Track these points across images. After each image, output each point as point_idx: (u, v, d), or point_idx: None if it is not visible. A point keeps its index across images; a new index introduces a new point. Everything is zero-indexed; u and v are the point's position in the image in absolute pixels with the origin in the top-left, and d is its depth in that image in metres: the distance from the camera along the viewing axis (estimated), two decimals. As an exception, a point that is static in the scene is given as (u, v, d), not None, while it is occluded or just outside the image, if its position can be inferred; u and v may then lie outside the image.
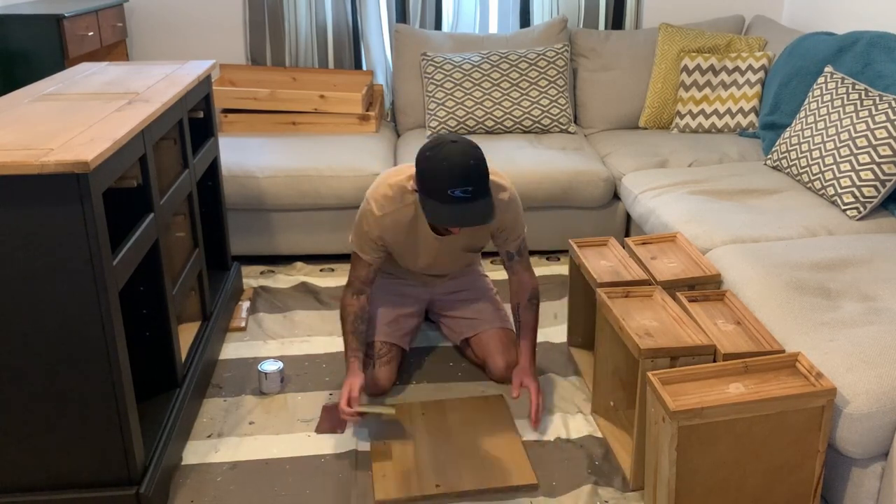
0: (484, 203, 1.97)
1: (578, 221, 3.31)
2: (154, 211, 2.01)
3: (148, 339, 2.14)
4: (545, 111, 3.61)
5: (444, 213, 1.96)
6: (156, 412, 2.09)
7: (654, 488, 1.83)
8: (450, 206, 1.95)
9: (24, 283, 1.63)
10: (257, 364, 2.55)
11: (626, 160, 3.31)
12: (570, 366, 2.56)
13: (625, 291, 2.17)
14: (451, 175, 1.92)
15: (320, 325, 2.81)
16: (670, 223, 2.69)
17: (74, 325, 1.68)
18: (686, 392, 1.74)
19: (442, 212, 1.96)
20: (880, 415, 1.71)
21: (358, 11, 3.91)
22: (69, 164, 1.54)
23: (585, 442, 2.19)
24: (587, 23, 4.02)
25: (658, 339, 1.94)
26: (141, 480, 1.85)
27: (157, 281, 2.08)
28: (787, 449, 1.77)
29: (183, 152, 2.38)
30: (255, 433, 2.23)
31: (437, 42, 3.76)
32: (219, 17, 3.94)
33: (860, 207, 2.60)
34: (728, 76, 3.60)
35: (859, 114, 2.66)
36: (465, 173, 1.93)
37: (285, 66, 3.93)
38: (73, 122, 1.82)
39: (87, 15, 3.20)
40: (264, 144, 3.39)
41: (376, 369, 2.35)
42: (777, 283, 2.15)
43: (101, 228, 1.64)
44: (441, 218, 1.96)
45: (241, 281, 3.06)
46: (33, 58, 2.96)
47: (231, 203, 3.13)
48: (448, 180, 1.93)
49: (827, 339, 1.89)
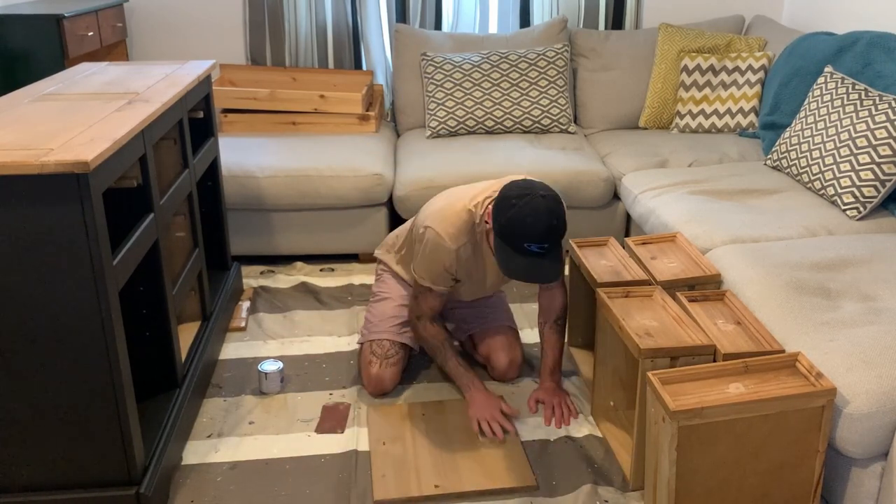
0: (554, 258, 1.99)
1: (578, 221, 3.31)
2: (154, 211, 2.01)
3: (148, 339, 2.14)
4: (545, 111, 3.61)
5: (515, 265, 1.97)
6: (156, 412, 2.09)
7: (654, 488, 1.83)
8: (522, 258, 1.97)
9: (24, 283, 1.63)
10: (257, 364, 2.55)
11: (626, 160, 3.31)
12: (570, 366, 2.56)
13: (625, 291, 2.17)
14: (534, 231, 1.94)
15: (320, 325, 2.81)
16: (670, 223, 2.69)
17: (74, 325, 1.68)
18: (686, 392, 1.74)
19: (513, 263, 1.97)
20: (880, 415, 1.71)
21: (358, 11, 3.91)
22: (69, 164, 1.54)
23: (585, 442, 2.19)
24: (587, 23, 4.02)
25: (658, 339, 1.94)
26: (141, 480, 1.85)
27: (157, 281, 2.08)
28: (787, 449, 1.77)
29: (183, 152, 2.38)
30: (255, 433, 2.23)
31: (437, 42, 3.76)
32: (219, 17, 3.94)
33: (860, 207, 2.60)
34: (728, 76, 3.60)
35: (859, 114, 2.66)
36: (547, 232, 1.94)
37: (285, 66, 3.93)
38: (73, 122, 1.82)
39: (87, 15, 3.20)
40: (264, 144, 3.39)
41: (382, 369, 2.35)
42: (777, 283, 2.15)
43: (101, 228, 1.64)
44: (511, 270, 1.97)
45: (241, 281, 3.06)
46: (33, 58, 2.96)
47: (231, 203, 3.13)
48: (529, 236, 1.94)
49: (827, 339, 1.89)
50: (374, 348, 2.37)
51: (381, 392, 2.37)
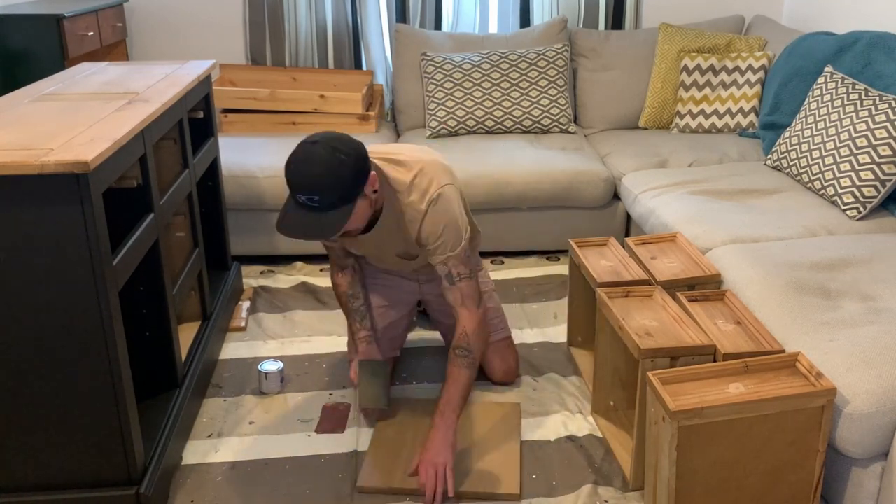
0: (334, 216, 1.78)
1: (578, 221, 3.31)
2: (154, 211, 2.01)
3: (148, 339, 2.14)
4: (545, 111, 3.61)
5: (283, 218, 1.80)
6: (156, 412, 2.09)
7: (654, 488, 1.83)
8: (294, 213, 1.79)
9: (23, 283, 1.63)
10: (257, 364, 2.55)
11: (626, 160, 3.31)
12: (570, 366, 2.56)
13: (625, 291, 2.17)
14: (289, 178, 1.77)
15: (320, 325, 2.81)
16: (670, 223, 2.69)
17: (74, 325, 1.68)
18: (686, 392, 1.74)
19: (283, 216, 1.80)
20: (880, 415, 1.71)
21: (358, 11, 3.91)
22: (69, 164, 1.54)
23: (585, 442, 2.19)
24: (587, 23, 4.02)
25: (658, 339, 1.94)
26: (141, 480, 1.85)
27: (157, 281, 2.08)
28: (787, 449, 1.77)
29: (183, 152, 2.38)
30: (255, 433, 2.23)
31: (437, 42, 3.76)
32: (219, 17, 3.94)
33: (860, 207, 2.60)
34: (728, 76, 3.60)
35: (859, 114, 2.66)
36: (301, 180, 1.75)
37: (285, 66, 3.93)
38: (73, 122, 1.82)
39: (87, 15, 3.20)
40: (264, 144, 3.39)
41: None
42: (777, 283, 2.15)
43: (101, 228, 1.64)
44: (279, 222, 1.80)
45: (241, 281, 3.06)
46: (33, 58, 2.96)
47: (231, 203, 3.13)
48: (289, 184, 1.78)
49: (827, 339, 1.89)
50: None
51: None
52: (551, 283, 3.12)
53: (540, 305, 2.95)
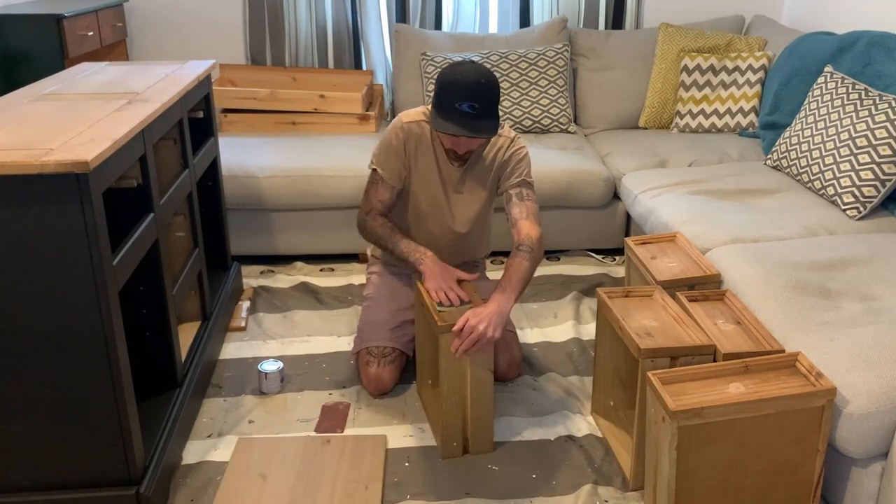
0: (488, 122, 2.09)
1: (578, 221, 3.31)
2: (154, 211, 2.01)
3: (148, 339, 2.14)
4: (545, 111, 3.61)
5: (448, 124, 2.07)
6: (156, 412, 2.09)
7: (654, 488, 1.83)
8: (455, 118, 2.07)
9: (24, 282, 1.63)
10: (257, 364, 2.55)
11: (626, 160, 3.31)
12: (570, 365, 2.56)
13: (625, 291, 2.17)
14: (460, 88, 2.05)
15: (320, 325, 2.81)
16: (670, 223, 2.69)
17: (74, 325, 1.68)
18: (686, 392, 1.74)
19: (446, 123, 2.07)
20: (880, 415, 1.71)
21: (358, 11, 3.91)
22: (69, 164, 1.54)
23: (585, 442, 2.19)
24: (587, 23, 4.02)
25: (658, 339, 1.94)
26: (141, 480, 1.85)
27: (157, 281, 2.08)
28: (787, 449, 1.77)
29: (183, 152, 2.38)
30: (255, 433, 2.23)
31: (437, 42, 3.76)
32: (219, 17, 3.94)
33: (860, 207, 2.60)
34: (728, 76, 3.60)
35: (859, 114, 2.66)
36: (475, 90, 2.05)
37: (285, 66, 3.93)
38: (73, 122, 1.82)
39: (87, 15, 3.20)
40: (264, 144, 3.39)
41: (380, 368, 2.34)
42: (777, 283, 2.15)
43: (101, 228, 1.63)
44: (444, 126, 2.07)
45: (241, 281, 3.06)
46: (33, 58, 2.96)
47: (231, 203, 3.13)
48: (457, 93, 2.05)
49: (827, 339, 1.89)
50: (370, 350, 2.37)
51: (381, 391, 2.37)
52: (551, 283, 3.12)
53: (540, 305, 2.95)
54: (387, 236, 2.29)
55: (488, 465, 2.11)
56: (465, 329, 1.99)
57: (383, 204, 2.32)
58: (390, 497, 1.99)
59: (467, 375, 2.06)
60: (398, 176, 2.30)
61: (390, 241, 2.29)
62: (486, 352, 2.04)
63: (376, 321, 2.41)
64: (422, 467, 2.10)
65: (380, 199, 2.31)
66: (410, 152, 2.28)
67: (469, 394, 2.08)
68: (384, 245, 2.31)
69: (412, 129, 2.27)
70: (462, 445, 2.13)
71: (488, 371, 2.07)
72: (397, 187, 2.31)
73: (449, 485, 2.04)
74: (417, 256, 2.24)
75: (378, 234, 2.30)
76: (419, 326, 2.30)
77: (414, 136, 2.28)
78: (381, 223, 2.31)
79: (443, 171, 2.31)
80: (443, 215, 2.37)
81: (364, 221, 2.33)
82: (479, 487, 2.03)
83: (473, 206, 2.37)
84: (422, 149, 2.29)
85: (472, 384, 2.07)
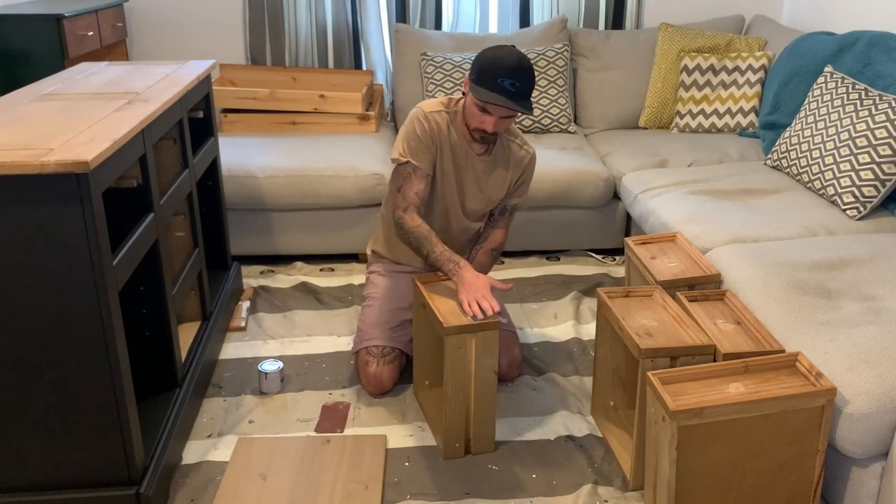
0: (526, 103, 2.14)
1: (578, 221, 3.31)
2: (154, 211, 2.01)
3: (148, 339, 2.14)
4: (545, 111, 3.61)
5: (489, 96, 2.11)
6: (156, 412, 2.09)
7: (654, 488, 1.83)
8: (496, 93, 2.11)
9: (24, 282, 1.63)
10: (257, 364, 2.55)
11: (626, 160, 3.31)
12: (570, 365, 2.56)
13: (625, 291, 2.17)
14: (505, 64, 2.10)
15: (320, 325, 2.81)
16: (670, 223, 2.69)
17: (74, 325, 1.68)
18: (686, 392, 1.74)
19: (487, 95, 2.12)
20: (880, 415, 1.71)
21: (358, 11, 3.91)
22: (69, 164, 1.54)
23: (585, 442, 2.19)
24: (587, 23, 4.02)
25: (658, 338, 1.94)
26: (141, 480, 1.85)
27: (157, 281, 2.08)
28: (787, 449, 1.77)
29: (183, 152, 2.38)
30: (255, 433, 2.23)
31: (437, 42, 3.76)
32: (219, 17, 3.94)
33: (860, 207, 2.60)
34: (728, 76, 3.60)
35: (859, 113, 2.66)
36: (518, 68, 2.10)
37: (285, 66, 3.93)
38: (73, 122, 1.82)
39: (87, 15, 3.20)
40: (264, 144, 3.39)
41: (380, 367, 2.35)
42: (777, 283, 2.15)
43: (101, 228, 1.63)
44: (487, 96, 2.11)
45: (241, 281, 3.06)
46: (33, 58, 2.96)
47: (231, 203, 3.13)
48: (500, 69, 2.10)
49: (827, 339, 1.89)
50: (369, 350, 2.38)
51: (381, 391, 2.37)
52: (551, 283, 3.12)
53: (540, 305, 2.95)
54: (423, 239, 2.20)
55: (488, 465, 2.11)
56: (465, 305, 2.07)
57: (419, 196, 2.25)
58: (390, 497, 1.99)
59: (472, 376, 2.06)
60: (430, 164, 2.27)
61: (426, 245, 2.20)
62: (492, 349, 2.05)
63: (376, 321, 2.41)
64: (422, 467, 2.10)
65: (415, 191, 2.24)
66: (437, 140, 2.28)
67: (473, 395, 2.08)
68: (418, 248, 2.22)
69: (434, 118, 2.28)
70: (464, 446, 2.13)
71: (492, 372, 2.07)
72: (430, 175, 2.28)
73: (449, 485, 2.04)
74: (452, 266, 2.16)
75: (416, 234, 2.21)
76: (417, 327, 2.30)
77: (436, 125, 2.28)
78: (419, 224, 2.22)
79: (460, 162, 2.32)
80: (454, 206, 2.38)
81: (402, 219, 2.23)
82: (479, 487, 2.03)
83: (487, 201, 2.40)
84: (443, 137, 2.29)
85: (476, 385, 2.07)
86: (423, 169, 2.25)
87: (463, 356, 2.03)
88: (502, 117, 2.17)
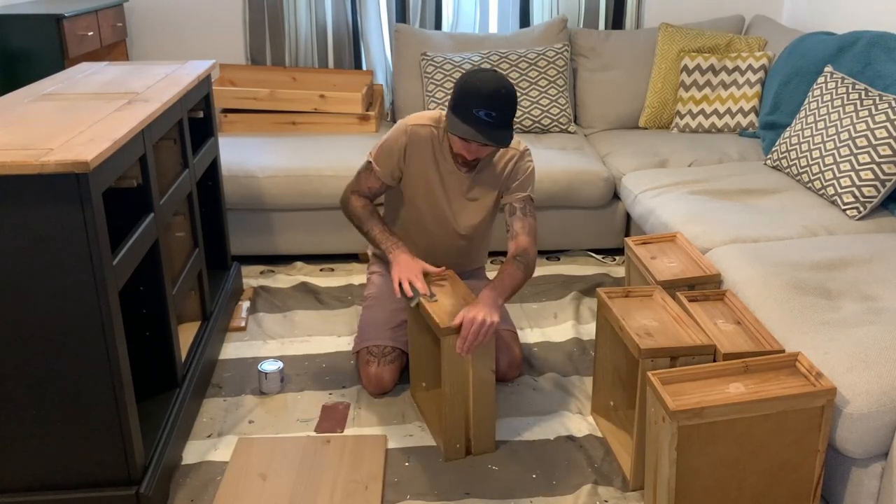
0: (504, 133, 2.10)
1: (578, 221, 3.31)
2: (154, 211, 2.01)
3: (148, 339, 2.14)
4: (545, 111, 3.61)
5: (464, 127, 2.07)
6: (156, 412, 2.09)
7: (654, 488, 1.83)
8: (471, 124, 2.07)
9: (23, 282, 1.63)
10: (257, 364, 2.55)
11: (626, 160, 3.31)
12: (570, 365, 2.56)
13: (625, 291, 2.17)
14: (479, 96, 2.05)
15: (320, 325, 2.81)
16: (670, 223, 2.69)
17: (74, 325, 1.68)
18: (686, 392, 1.74)
19: (460, 129, 2.07)
20: (880, 415, 1.71)
21: (358, 11, 3.91)
22: (69, 164, 1.54)
23: (585, 442, 2.19)
24: (587, 23, 4.02)
25: (658, 339, 1.94)
26: (141, 480, 1.85)
27: (157, 281, 2.08)
28: (787, 449, 1.77)
29: (183, 152, 2.38)
30: (254, 433, 2.23)
31: (437, 42, 3.76)
32: (219, 17, 3.94)
33: (860, 207, 2.60)
34: (728, 76, 3.60)
35: (859, 114, 2.66)
36: (494, 97, 2.05)
37: (285, 66, 3.93)
38: (73, 122, 1.82)
39: (87, 15, 3.20)
40: (264, 144, 3.39)
41: (380, 367, 2.35)
42: (777, 283, 2.15)
43: (101, 228, 1.63)
44: (459, 129, 2.07)
45: (241, 281, 3.06)
46: (33, 58, 2.96)
47: (231, 203, 3.13)
48: (476, 100, 2.05)
49: (827, 339, 1.89)
50: (370, 349, 2.38)
51: (381, 391, 2.37)
52: (551, 284, 3.12)
53: (540, 305, 2.95)
54: (364, 218, 2.34)
55: (488, 465, 2.11)
56: (465, 323, 1.99)
57: (371, 191, 2.38)
58: (390, 497, 1.99)
59: (470, 377, 2.06)
60: (389, 175, 2.34)
61: (367, 224, 2.34)
62: (489, 349, 2.04)
63: (377, 321, 2.42)
64: (422, 467, 2.10)
65: (368, 185, 2.37)
66: (409, 156, 2.30)
67: (471, 395, 2.08)
68: (360, 226, 2.36)
69: (417, 132, 2.28)
70: (465, 447, 2.13)
71: (490, 372, 2.07)
72: (387, 183, 2.36)
73: (449, 485, 2.04)
74: (388, 245, 2.27)
75: (358, 214, 2.35)
76: (413, 329, 2.30)
77: (417, 140, 2.28)
78: (363, 204, 2.36)
79: (446, 177, 2.32)
80: (444, 220, 2.38)
81: (349, 199, 2.38)
82: (479, 487, 2.03)
83: (478, 213, 2.38)
84: (424, 153, 2.29)
85: (474, 385, 2.07)
86: (379, 176, 2.34)
87: (460, 356, 2.03)
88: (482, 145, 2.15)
